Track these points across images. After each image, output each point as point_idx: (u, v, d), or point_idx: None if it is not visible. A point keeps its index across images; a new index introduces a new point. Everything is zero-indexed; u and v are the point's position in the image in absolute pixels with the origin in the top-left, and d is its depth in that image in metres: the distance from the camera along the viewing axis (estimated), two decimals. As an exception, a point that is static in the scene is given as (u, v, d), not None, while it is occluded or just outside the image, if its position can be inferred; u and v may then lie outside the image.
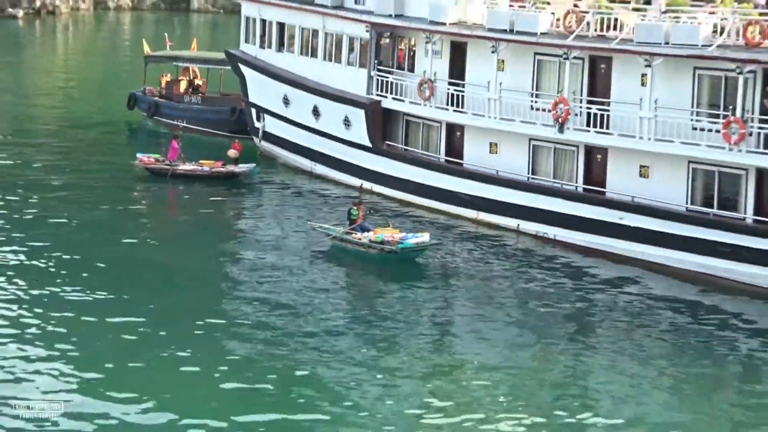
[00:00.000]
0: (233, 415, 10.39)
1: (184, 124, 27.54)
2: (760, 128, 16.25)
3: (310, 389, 11.32)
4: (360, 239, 18.17)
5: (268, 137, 26.78)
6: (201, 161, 24.09)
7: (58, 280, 15.98)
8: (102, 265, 16.73)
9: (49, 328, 13.95)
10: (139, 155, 24.30)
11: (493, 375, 12.18)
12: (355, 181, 23.19)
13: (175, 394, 11.32)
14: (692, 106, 17.84)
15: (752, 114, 16.59)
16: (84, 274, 16.24)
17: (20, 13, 63.73)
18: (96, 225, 20.00)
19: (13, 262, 16.94)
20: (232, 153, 24.83)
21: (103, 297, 15.12)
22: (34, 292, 15.45)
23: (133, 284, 16.02)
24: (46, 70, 45.49)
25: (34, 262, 16.93)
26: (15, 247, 17.71)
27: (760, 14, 17.69)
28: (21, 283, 15.77)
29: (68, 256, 17.18)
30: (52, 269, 16.74)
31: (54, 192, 22.21)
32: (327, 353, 12.78)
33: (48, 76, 43.37)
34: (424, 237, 18.44)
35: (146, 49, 32.97)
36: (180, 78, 31.44)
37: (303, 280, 16.66)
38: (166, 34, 37.33)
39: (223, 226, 21.18)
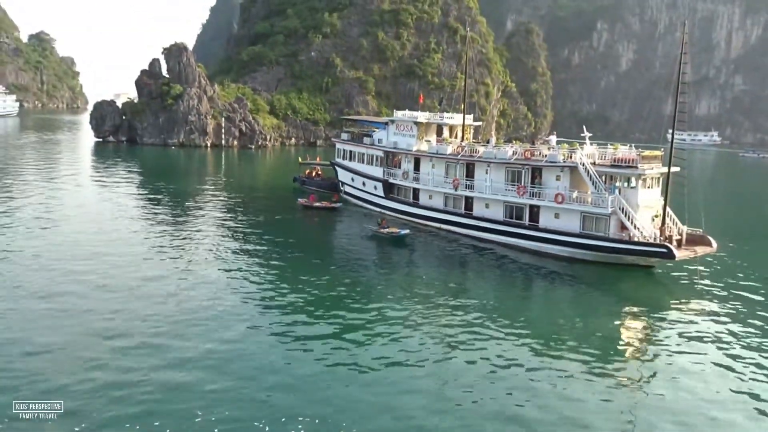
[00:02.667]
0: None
1: (314, 189, 60.46)
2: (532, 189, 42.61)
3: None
4: (383, 232, 42.29)
5: (345, 193, 58.81)
6: (322, 201, 53.67)
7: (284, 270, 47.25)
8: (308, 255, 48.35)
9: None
10: (299, 200, 54.14)
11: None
12: (379, 210, 53.30)
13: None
14: (505, 182, 43.50)
15: (528, 184, 42.50)
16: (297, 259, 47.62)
17: (207, 143, 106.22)
18: (282, 228, 47.75)
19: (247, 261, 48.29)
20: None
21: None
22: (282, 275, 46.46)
23: (299, 261, 47.24)
24: (251, 171, 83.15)
25: (273, 257, 47.97)
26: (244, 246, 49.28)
27: (529, 147, 45.16)
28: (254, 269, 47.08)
29: (290, 249, 48.73)
30: (282, 262, 47.20)
31: (263, 215, 51.26)
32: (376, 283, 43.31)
33: (253, 172, 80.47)
34: (407, 231, 43.17)
35: (300, 159, 69.36)
36: (312, 171, 66.25)
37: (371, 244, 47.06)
38: (307, 155, 74.02)
39: (328, 223, 49.54)
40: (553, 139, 43.65)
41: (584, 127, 44.28)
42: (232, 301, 27.51)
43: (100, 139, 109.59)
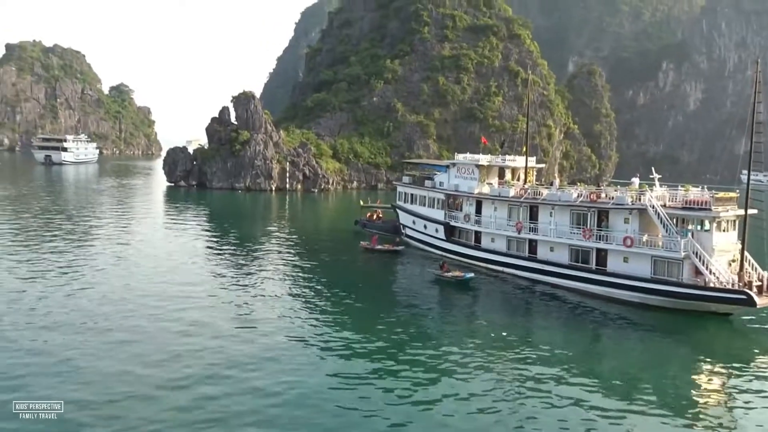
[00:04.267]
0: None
1: (375, 232, 60.47)
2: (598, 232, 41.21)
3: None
4: (447, 275, 41.60)
5: (407, 236, 58.75)
6: (384, 244, 53.68)
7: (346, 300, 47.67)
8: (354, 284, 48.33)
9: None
10: (361, 243, 54.40)
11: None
12: (440, 253, 52.14)
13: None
14: (571, 224, 42.64)
15: (594, 227, 40.80)
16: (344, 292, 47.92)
17: (272, 187, 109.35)
18: (345, 270, 46.45)
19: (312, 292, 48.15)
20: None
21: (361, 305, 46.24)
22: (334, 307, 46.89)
23: (359, 294, 46.95)
24: (314, 214, 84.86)
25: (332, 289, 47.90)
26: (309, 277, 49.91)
27: (595, 189, 43.79)
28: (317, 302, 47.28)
29: (347, 287, 48.66)
30: (343, 295, 46.72)
31: (326, 257, 51.01)
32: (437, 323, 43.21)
33: (316, 215, 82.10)
34: (472, 275, 41.91)
35: (361, 202, 70.35)
36: (374, 214, 66.89)
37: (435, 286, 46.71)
38: (369, 199, 75.08)
39: (390, 266, 49.39)
40: (636, 181, 41.82)
41: (653, 168, 42.98)
42: (294, 342, 27.80)
43: (172, 184, 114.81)
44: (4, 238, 51.00)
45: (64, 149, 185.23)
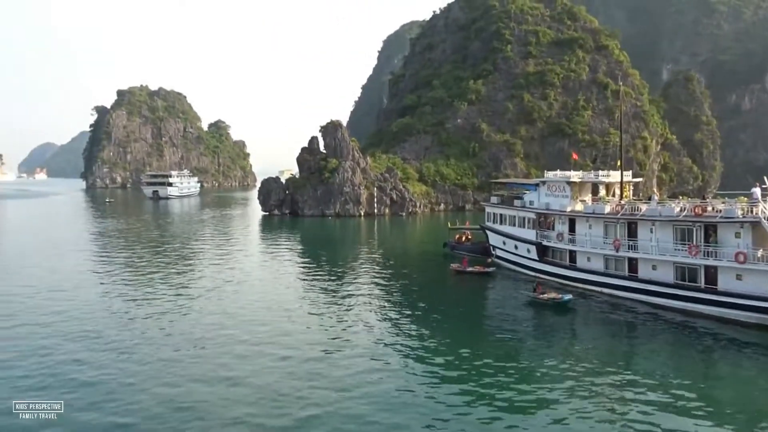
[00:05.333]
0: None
1: (465, 254, 59.67)
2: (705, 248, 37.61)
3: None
4: (543, 298, 39.99)
5: (497, 257, 57.66)
6: (475, 266, 52.83)
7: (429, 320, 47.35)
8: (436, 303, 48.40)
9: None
10: (451, 265, 53.85)
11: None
12: (533, 274, 50.50)
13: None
14: (674, 241, 39.66)
15: (700, 242, 37.57)
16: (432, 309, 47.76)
17: (361, 212, 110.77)
18: (435, 293, 46.60)
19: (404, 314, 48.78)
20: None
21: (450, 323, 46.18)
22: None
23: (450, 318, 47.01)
24: (402, 237, 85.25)
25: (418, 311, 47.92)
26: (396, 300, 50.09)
27: (700, 203, 40.22)
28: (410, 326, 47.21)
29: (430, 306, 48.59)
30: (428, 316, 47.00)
31: (416, 280, 51.50)
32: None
33: (404, 238, 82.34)
34: (570, 296, 40.31)
35: (449, 224, 69.87)
36: (462, 235, 66.16)
37: (526, 309, 42.74)
38: (457, 220, 74.42)
39: (481, 288, 48.62)
40: (757, 191, 37.68)
41: (765, 178, 39.67)
42: (387, 367, 27.70)
43: (267, 213, 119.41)
44: (118, 266, 54.93)
45: (170, 184, 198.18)
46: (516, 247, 53.89)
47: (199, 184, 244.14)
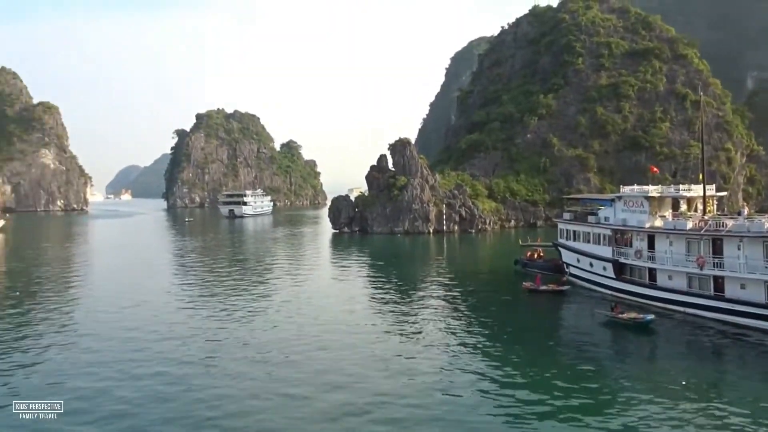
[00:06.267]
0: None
1: (537, 271, 58.11)
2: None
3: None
4: (623, 317, 38.12)
5: (571, 275, 55.71)
6: (548, 284, 51.47)
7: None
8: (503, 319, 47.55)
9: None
10: (524, 283, 52.34)
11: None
12: (609, 292, 48.18)
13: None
14: (765, 258, 37.02)
15: None
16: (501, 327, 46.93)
17: (430, 229, 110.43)
18: (507, 312, 45.42)
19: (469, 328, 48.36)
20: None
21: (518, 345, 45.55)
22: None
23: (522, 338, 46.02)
24: (472, 254, 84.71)
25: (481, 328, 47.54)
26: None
27: None
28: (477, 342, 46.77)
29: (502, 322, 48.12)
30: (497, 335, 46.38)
31: (486, 298, 50.68)
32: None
33: (474, 255, 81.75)
34: (652, 317, 38.39)
35: (520, 241, 68.82)
36: (534, 252, 64.73)
37: (603, 331, 41.77)
38: (528, 237, 73.16)
39: (555, 308, 47.10)
40: None
41: None
42: (457, 388, 27.43)
43: (337, 231, 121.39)
44: (197, 283, 57.47)
45: (245, 203, 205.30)
46: (591, 264, 52.28)
47: (271, 203, 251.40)
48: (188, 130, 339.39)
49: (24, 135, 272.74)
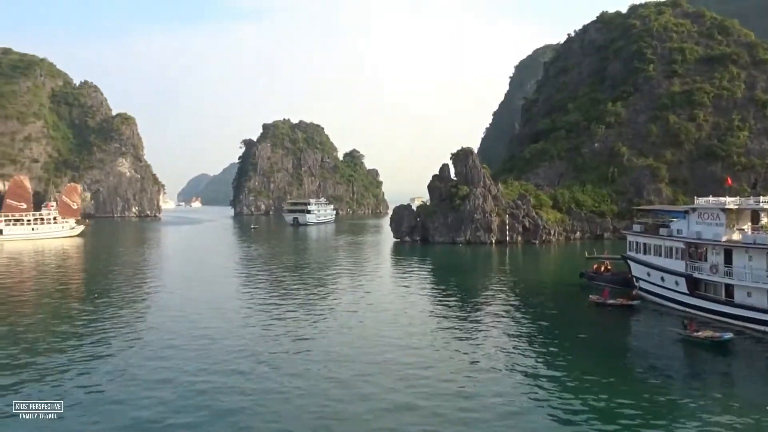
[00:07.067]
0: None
1: (604, 285, 55.92)
2: None
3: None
4: (698, 335, 36.22)
5: (641, 289, 53.29)
6: (617, 298, 49.55)
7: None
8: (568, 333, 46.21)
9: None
10: (590, 297, 50.69)
11: None
12: (682, 308, 45.96)
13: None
14: None
15: None
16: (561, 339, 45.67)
17: (492, 239, 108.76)
18: (571, 326, 43.90)
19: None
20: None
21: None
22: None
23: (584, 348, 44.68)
24: (535, 266, 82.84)
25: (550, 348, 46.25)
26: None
27: None
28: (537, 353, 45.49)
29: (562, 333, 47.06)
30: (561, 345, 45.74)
31: (550, 311, 49.43)
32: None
33: (537, 267, 79.92)
34: (731, 335, 36.31)
35: (586, 253, 66.87)
36: (601, 265, 62.71)
37: (679, 345, 42.14)
38: (594, 249, 70.99)
39: (623, 323, 45.26)
40: None
41: None
42: (520, 401, 26.86)
43: (399, 240, 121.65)
44: (261, 287, 59.00)
45: (308, 211, 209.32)
46: (662, 278, 50.11)
47: (334, 212, 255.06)
48: (255, 139, 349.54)
49: (103, 145, 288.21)
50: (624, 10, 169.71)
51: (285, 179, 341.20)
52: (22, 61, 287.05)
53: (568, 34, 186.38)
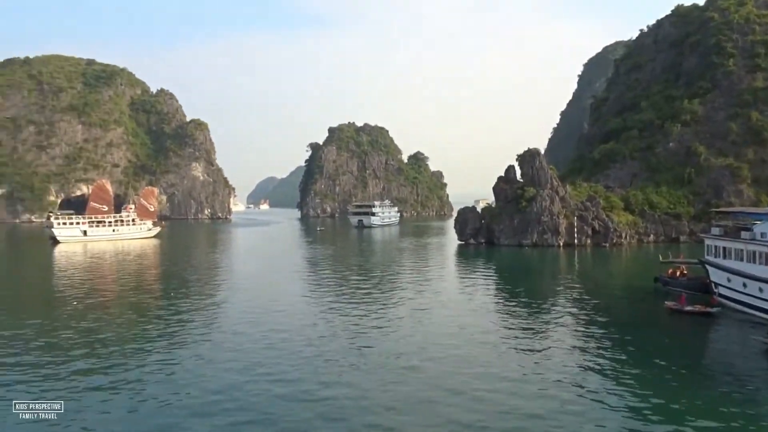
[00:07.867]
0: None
1: (680, 290, 53.48)
2: None
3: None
4: None
5: (720, 295, 50.57)
6: (695, 305, 46.96)
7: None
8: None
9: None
10: (666, 303, 48.72)
11: None
12: (763, 315, 43.29)
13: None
14: None
15: None
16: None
17: (560, 242, 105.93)
18: (645, 333, 41.95)
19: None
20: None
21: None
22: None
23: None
24: (606, 270, 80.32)
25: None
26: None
27: None
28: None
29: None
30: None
31: (622, 317, 47.32)
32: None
33: (608, 271, 77.39)
34: None
35: (661, 257, 64.22)
36: (676, 270, 60.06)
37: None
38: (669, 253, 68.10)
39: (701, 331, 42.66)
40: None
41: None
42: (588, 413, 26.14)
43: (463, 242, 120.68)
44: (327, 289, 60.06)
45: (373, 214, 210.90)
46: (744, 285, 47.47)
47: (398, 214, 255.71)
48: (321, 143, 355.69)
49: (178, 150, 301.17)
50: (701, 3, 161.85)
51: (350, 182, 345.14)
52: (105, 71, 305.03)
53: (641, 30, 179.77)
